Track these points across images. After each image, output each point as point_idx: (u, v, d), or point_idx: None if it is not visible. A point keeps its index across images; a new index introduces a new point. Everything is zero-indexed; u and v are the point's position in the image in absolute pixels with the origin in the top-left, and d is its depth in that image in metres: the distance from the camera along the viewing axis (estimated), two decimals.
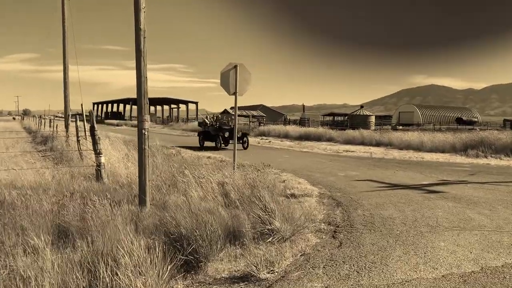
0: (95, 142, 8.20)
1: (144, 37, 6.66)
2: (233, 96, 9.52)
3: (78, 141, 11.81)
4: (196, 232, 4.84)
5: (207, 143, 22.36)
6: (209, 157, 16.01)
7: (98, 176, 8.16)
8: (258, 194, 6.59)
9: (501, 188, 9.57)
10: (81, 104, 12.43)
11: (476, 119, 72.67)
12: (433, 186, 9.94)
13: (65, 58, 17.06)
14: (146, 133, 6.76)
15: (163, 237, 4.93)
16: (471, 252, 5.04)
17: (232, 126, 21.11)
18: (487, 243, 5.38)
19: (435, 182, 10.59)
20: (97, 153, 8.15)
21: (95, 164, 8.55)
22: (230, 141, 20.66)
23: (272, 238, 5.76)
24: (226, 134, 20.97)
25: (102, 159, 8.17)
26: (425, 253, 5.06)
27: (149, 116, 6.83)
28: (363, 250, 5.26)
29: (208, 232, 4.95)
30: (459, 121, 66.89)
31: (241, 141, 20.74)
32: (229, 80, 9.37)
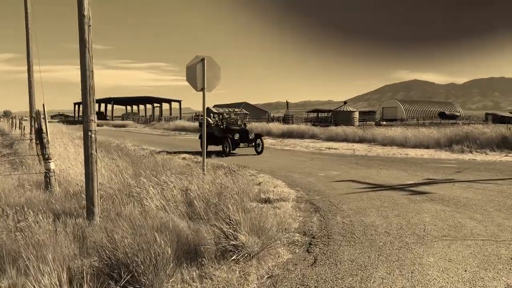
0: (43, 147, 7.29)
1: (89, 26, 5.78)
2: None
3: (36, 144, 10.82)
4: (138, 255, 3.99)
5: (211, 147, 18.08)
6: (184, 158, 15.13)
7: (47, 184, 7.24)
8: (222, 204, 5.77)
9: (491, 187, 8.92)
10: (43, 104, 11.43)
11: (458, 113, 72.97)
12: (418, 186, 9.24)
13: (29, 57, 15.97)
14: (93, 135, 5.90)
15: (96, 263, 4.07)
16: (465, 270, 4.29)
17: (243, 126, 18.07)
18: (483, 257, 4.64)
19: (420, 181, 9.91)
20: (46, 159, 7.23)
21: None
22: (241, 145, 16.95)
23: (237, 256, 4.94)
24: (236, 136, 16.75)
25: (51, 165, 7.25)
26: (412, 272, 4.29)
27: (95, 116, 5.97)
28: (341, 269, 4.48)
29: (155, 254, 4.11)
30: (442, 115, 67.01)
31: (253, 144, 17.30)
32: (196, 75, 8.51)
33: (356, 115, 58.67)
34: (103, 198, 6.52)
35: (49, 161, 7.16)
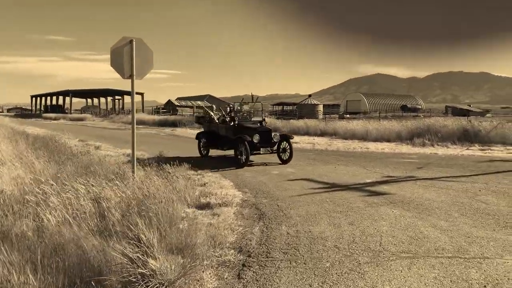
0: None
1: None
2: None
3: None
4: None
5: (212, 151, 14.08)
6: (111, 156, 13.80)
7: None
8: (131, 220, 4.62)
9: (454, 185, 8.15)
10: None
11: (420, 106, 74.10)
12: (377, 185, 8.38)
13: None
14: None
15: None
16: None
17: (264, 123, 12.83)
18: (451, 284, 3.71)
19: (379, 179, 9.06)
20: None
21: None
22: (262, 150, 11.80)
23: None
24: (256, 138, 11.59)
25: None
26: None
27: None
28: None
29: None
30: (404, 108, 67.79)
31: (277, 149, 12.16)
32: (123, 60, 7.25)
33: (321, 108, 58.43)
34: None
35: None
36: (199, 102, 69.48)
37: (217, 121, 13.63)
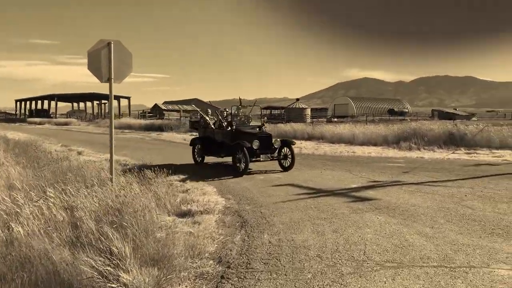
0: None
1: None
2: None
3: None
4: None
5: (207, 158, 13.22)
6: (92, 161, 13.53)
7: None
8: (104, 230, 4.40)
9: (440, 190, 8.06)
10: None
11: (406, 110, 74.72)
12: (363, 190, 8.25)
13: None
14: None
15: None
16: None
17: (263, 128, 12.09)
18: None
19: (365, 184, 8.95)
20: None
21: None
22: (262, 157, 11.13)
23: None
24: (255, 145, 10.90)
25: None
26: None
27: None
28: None
29: None
30: (391, 112, 68.27)
31: (278, 155, 11.48)
32: (100, 63, 7.03)
33: (308, 112, 58.52)
34: None
35: None
36: (185, 106, 69.20)
37: (213, 126, 12.85)
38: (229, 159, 12.14)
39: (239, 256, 4.78)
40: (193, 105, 72.62)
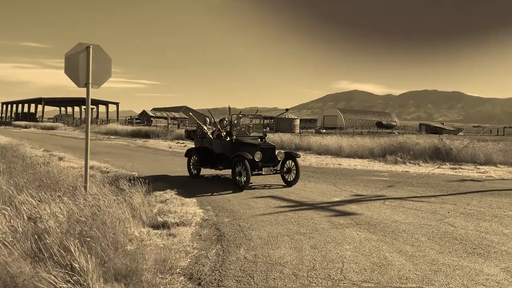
0: None
1: None
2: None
3: None
4: None
5: (204, 170, 12.43)
6: (72, 168, 13.20)
7: None
8: (68, 243, 4.17)
9: (423, 206, 7.95)
10: None
11: (394, 123, 75.24)
12: (345, 204, 8.10)
13: None
14: None
15: None
16: None
17: (266, 138, 11.54)
18: None
19: (348, 198, 8.81)
20: None
21: None
22: (264, 170, 10.47)
23: None
24: (258, 157, 10.20)
25: None
26: None
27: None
28: None
29: None
30: (379, 125, 68.67)
31: (281, 169, 10.83)
32: (78, 67, 6.81)
33: (297, 122, 58.64)
34: None
35: None
36: (174, 113, 68.90)
37: (211, 136, 12.11)
38: (225, 172, 11.94)
39: (211, 273, 4.57)
40: (181, 112, 72.37)
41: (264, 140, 11.35)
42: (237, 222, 6.71)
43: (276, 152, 10.75)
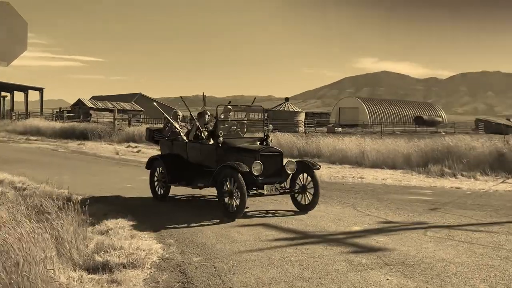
0: None
1: None
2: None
3: None
4: None
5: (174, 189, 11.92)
6: None
7: None
8: None
9: (482, 238, 7.98)
10: None
11: (440, 119, 76.13)
12: (370, 235, 8.11)
13: None
14: None
15: None
16: None
17: (267, 141, 10.80)
18: None
19: (374, 226, 8.84)
20: None
21: None
22: (266, 188, 9.76)
23: None
24: (257, 169, 9.58)
25: None
26: None
27: None
28: None
29: None
30: (419, 121, 69.39)
31: (291, 187, 10.46)
32: None
33: (302, 117, 59.05)
34: None
35: None
36: (124, 104, 68.64)
37: (184, 137, 11.66)
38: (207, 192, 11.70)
39: None
40: (134, 103, 72.18)
41: (266, 143, 10.81)
42: (212, 263, 6.68)
43: (284, 161, 10.32)
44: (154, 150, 26.37)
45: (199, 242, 7.73)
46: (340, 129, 54.66)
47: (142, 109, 67.54)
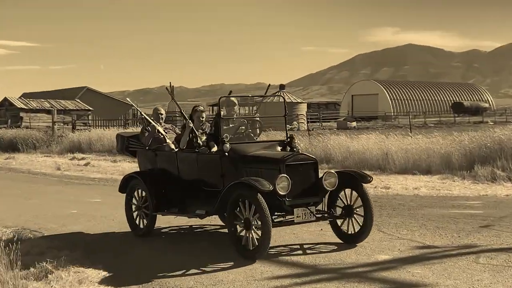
0: None
1: None
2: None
3: None
4: None
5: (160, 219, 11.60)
6: None
7: None
8: None
9: None
10: None
11: (486, 104, 76.54)
12: (401, 266, 8.05)
13: None
14: None
15: None
16: None
17: (294, 145, 10.10)
18: None
19: (406, 254, 8.83)
20: None
21: None
22: (297, 212, 9.07)
23: None
24: (282, 185, 8.85)
25: None
26: None
27: None
28: None
29: None
30: (459, 108, 69.61)
31: (330, 209, 9.90)
32: None
33: (303, 109, 59.11)
34: None
35: None
36: (66, 103, 68.53)
37: (173, 146, 11.39)
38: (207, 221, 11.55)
39: None
40: (78, 100, 72.08)
41: (291, 148, 10.27)
42: None
43: (322, 174, 9.67)
44: (111, 164, 26.44)
45: (170, 285, 7.62)
46: (354, 123, 54.79)
47: (91, 108, 67.44)
